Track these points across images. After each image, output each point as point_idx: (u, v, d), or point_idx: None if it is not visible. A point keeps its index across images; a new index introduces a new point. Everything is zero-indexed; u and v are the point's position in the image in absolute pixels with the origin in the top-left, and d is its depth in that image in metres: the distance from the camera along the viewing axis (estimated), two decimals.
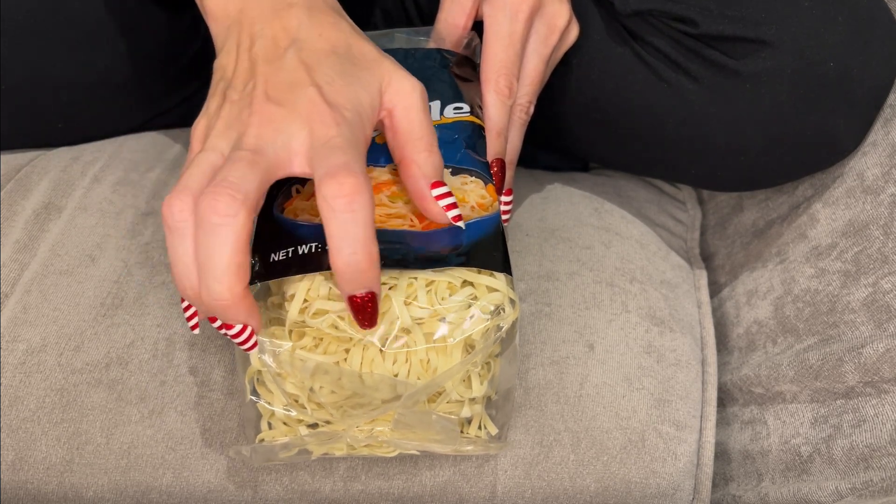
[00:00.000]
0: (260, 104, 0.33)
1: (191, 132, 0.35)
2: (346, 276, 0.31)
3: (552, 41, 0.44)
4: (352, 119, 0.33)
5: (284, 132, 0.33)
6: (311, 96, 0.33)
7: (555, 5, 0.44)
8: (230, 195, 0.30)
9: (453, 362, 0.34)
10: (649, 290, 0.50)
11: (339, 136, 0.32)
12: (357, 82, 0.35)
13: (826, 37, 0.43)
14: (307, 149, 0.32)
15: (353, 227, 0.30)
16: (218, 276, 0.30)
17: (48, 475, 0.40)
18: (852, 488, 0.40)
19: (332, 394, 0.35)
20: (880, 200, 0.45)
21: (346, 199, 0.30)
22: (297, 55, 0.35)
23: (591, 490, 0.41)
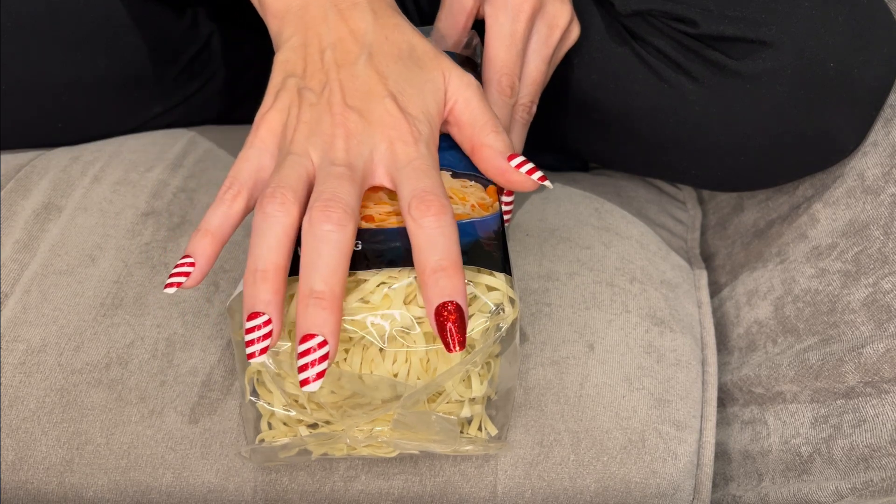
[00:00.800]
0: (340, 113, 0.35)
1: (258, 120, 0.36)
2: (432, 281, 0.32)
3: (553, 41, 0.44)
4: (427, 134, 0.36)
5: (367, 145, 0.35)
6: (388, 107, 0.35)
7: (556, 5, 0.44)
8: (343, 210, 0.32)
9: (453, 362, 0.34)
10: (649, 290, 0.50)
11: (420, 159, 0.35)
12: (425, 87, 0.37)
13: (826, 37, 0.43)
14: (388, 163, 0.35)
15: (440, 238, 0.32)
16: (325, 276, 0.31)
17: (48, 475, 0.40)
18: (852, 488, 0.40)
19: (332, 394, 0.35)
20: (881, 200, 0.45)
21: (435, 219, 0.32)
22: (370, 62, 0.37)
23: (591, 490, 0.41)
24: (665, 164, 0.55)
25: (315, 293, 0.31)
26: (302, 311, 0.31)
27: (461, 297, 0.32)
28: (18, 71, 0.52)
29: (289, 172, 0.34)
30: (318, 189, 0.33)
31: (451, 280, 0.32)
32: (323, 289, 0.31)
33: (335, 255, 0.32)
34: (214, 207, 0.35)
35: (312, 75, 0.37)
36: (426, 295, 0.32)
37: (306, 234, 0.32)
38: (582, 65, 0.50)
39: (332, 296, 0.31)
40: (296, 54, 0.38)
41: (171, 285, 0.34)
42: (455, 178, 0.38)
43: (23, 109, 0.54)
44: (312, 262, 0.32)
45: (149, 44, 0.55)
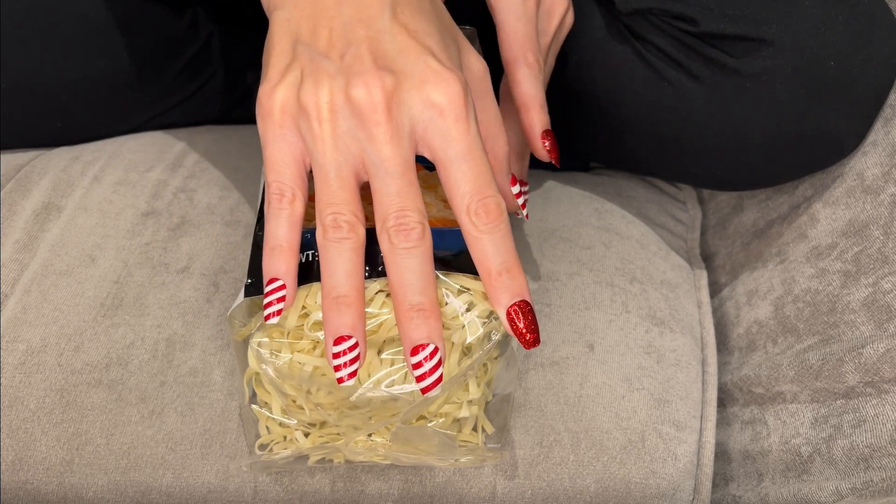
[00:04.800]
0: (375, 79, 0.31)
1: (265, 99, 0.32)
2: (499, 283, 0.32)
3: (552, 28, 0.43)
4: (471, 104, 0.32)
5: (408, 116, 0.31)
6: (432, 65, 0.31)
7: None
8: (417, 228, 0.31)
9: (451, 367, 0.34)
10: (649, 291, 0.50)
11: (473, 143, 0.32)
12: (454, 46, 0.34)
13: (826, 36, 0.43)
14: (436, 143, 0.32)
15: (502, 241, 0.32)
16: (420, 289, 0.32)
17: (48, 475, 0.40)
18: (853, 488, 0.40)
19: (330, 394, 0.35)
20: (880, 200, 0.45)
21: (496, 225, 0.32)
22: (395, 17, 0.32)
23: (591, 490, 0.41)
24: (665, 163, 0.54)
25: (415, 306, 0.32)
26: (406, 322, 0.32)
27: (528, 294, 0.33)
28: (18, 71, 0.52)
29: (337, 187, 0.32)
30: (384, 202, 0.31)
31: (517, 280, 0.32)
32: (422, 300, 0.32)
33: (422, 267, 0.32)
34: (276, 218, 0.33)
35: (323, 38, 0.32)
36: (495, 299, 0.33)
37: (389, 254, 0.32)
38: (582, 63, 0.50)
39: (432, 305, 0.32)
40: (301, 11, 0.33)
41: (271, 315, 0.33)
42: None
43: (23, 109, 0.54)
44: (404, 277, 0.31)
45: (149, 44, 0.55)
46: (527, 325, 0.33)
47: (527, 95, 0.40)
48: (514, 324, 0.33)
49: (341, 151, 0.31)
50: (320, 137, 0.31)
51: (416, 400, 0.33)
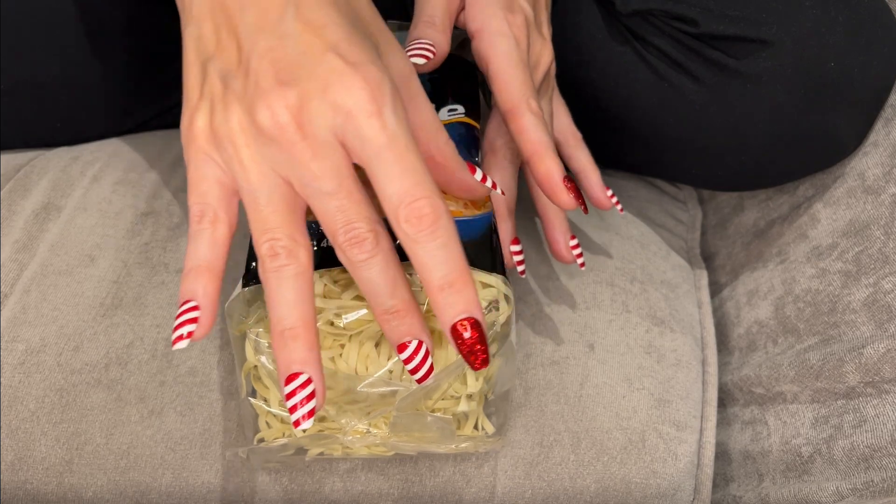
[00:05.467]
0: (277, 98, 0.29)
1: (186, 124, 0.31)
2: (441, 299, 0.29)
3: (538, 78, 0.41)
4: (390, 91, 0.29)
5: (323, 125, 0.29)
6: (334, 65, 0.29)
7: (539, 42, 0.41)
8: (369, 238, 0.29)
9: (450, 358, 0.34)
10: (650, 290, 0.50)
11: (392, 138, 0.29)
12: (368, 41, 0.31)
13: (827, 37, 0.43)
14: (353, 144, 0.29)
15: (442, 250, 0.29)
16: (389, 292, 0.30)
17: (48, 475, 0.40)
18: (853, 489, 0.40)
19: (328, 390, 0.35)
20: (881, 200, 0.44)
21: (431, 232, 0.29)
22: (298, 14, 0.30)
23: (591, 490, 0.41)
24: (665, 163, 0.54)
25: (389, 310, 0.31)
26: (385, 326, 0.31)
27: (476, 309, 0.30)
28: (18, 71, 0.52)
29: (269, 213, 0.30)
30: (327, 220, 0.30)
31: (462, 294, 0.29)
32: (394, 302, 0.31)
33: (382, 274, 0.30)
34: (194, 240, 0.31)
35: (230, 53, 0.30)
36: (439, 315, 0.30)
37: (350, 271, 0.30)
38: (582, 64, 0.50)
39: (406, 304, 0.31)
40: (206, 26, 0.31)
41: (179, 339, 0.30)
42: None
43: (23, 109, 0.54)
44: (369, 288, 0.30)
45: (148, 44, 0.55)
46: (473, 344, 0.30)
47: (537, 143, 0.37)
48: (460, 344, 0.30)
49: (266, 176, 0.30)
50: (241, 165, 0.30)
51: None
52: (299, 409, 0.30)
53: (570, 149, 0.46)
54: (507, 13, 0.39)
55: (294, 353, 0.30)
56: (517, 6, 0.39)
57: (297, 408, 0.29)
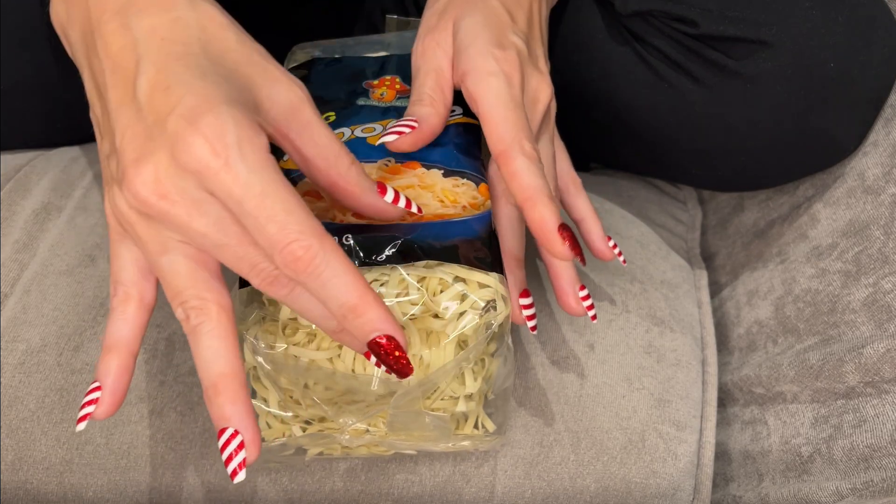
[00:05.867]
0: (129, 176, 0.28)
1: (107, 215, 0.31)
2: (348, 325, 0.29)
3: (537, 116, 0.38)
4: (235, 139, 0.27)
5: (190, 193, 0.28)
6: (176, 127, 0.27)
7: (536, 77, 0.38)
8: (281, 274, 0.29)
9: (447, 359, 0.34)
10: (650, 290, 0.50)
11: (244, 187, 0.27)
12: (223, 85, 0.29)
13: (826, 37, 0.43)
14: (223, 198, 0.28)
15: (328, 286, 0.28)
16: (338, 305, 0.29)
17: (48, 475, 0.40)
18: (853, 488, 0.40)
19: (327, 390, 0.35)
20: (881, 200, 0.45)
21: (311, 274, 0.28)
22: (150, 82, 0.29)
23: (591, 490, 0.41)
24: (665, 163, 0.55)
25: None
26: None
27: (384, 324, 0.29)
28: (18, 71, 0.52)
29: (173, 279, 0.30)
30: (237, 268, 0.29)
31: (366, 315, 0.28)
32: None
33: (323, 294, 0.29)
34: (110, 318, 0.31)
35: (109, 133, 0.30)
36: (350, 343, 0.30)
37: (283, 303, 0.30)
38: (582, 64, 0.50)
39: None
40: (96, 107, 0.31)
41: (81, 420, 0.30)
42: (446, 176, 0.37)
43: (23, 109, 0.54)
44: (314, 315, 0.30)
45: None
46: (393, 359, 0.29)
47: (530, 188, 0.34)
48: (379, 362, 0.29)
49: (164, 245, 0.30)
50: (140, 241, 0.30)
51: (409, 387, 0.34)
52: (232, 461, 0.29)
53: (570, 196, 0.43)
54: (497, 50, 0.36)
55: (218, 409, 0.29)
56: (508, 42, 0.37)
57: (231, 460, 0.29)
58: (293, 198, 0.28)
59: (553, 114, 0.40)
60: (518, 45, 0.37)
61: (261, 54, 0.31)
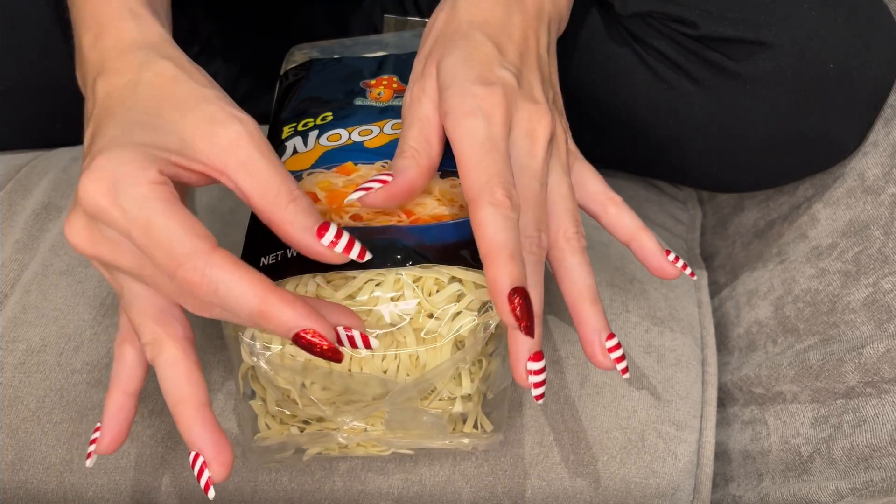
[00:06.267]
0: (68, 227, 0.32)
1: None
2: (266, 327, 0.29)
3: (538, 150, 0.35)
4: (104, 208, 0.29)
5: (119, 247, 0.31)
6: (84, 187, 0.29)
7: (528, 108, 0.35)
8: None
9: (443, 359, 0.34)
10: (649, 290, 0.50)
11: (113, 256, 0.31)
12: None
13: (826, 38, 0.43)
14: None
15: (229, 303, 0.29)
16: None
17: (48, 475, 0.40)
18: (853, 488, 0.40)
19: (324, 390, 0.35)
20: (881, 201, 0.45)
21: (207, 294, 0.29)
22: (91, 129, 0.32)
23: (591, 490, 0.41)
24: (665, 164, 0.55)
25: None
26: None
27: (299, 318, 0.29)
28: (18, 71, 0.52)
29: (133, 317, 0.32)
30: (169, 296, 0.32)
31: (274, 319, 0.29)
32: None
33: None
34: (114, 358, 0.34)
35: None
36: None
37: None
38: (582, 65, 0.50)
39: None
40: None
41: (88, 456, 0.34)
42: (444, 177, 0.37)
43: (23, 109, 0.54)
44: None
45: None
46: (318, 350, 0.29)
47: (491, 243, 0.31)
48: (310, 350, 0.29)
49: (118, 285, 0.33)
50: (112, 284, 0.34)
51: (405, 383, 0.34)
52: (200, 480, 0.31)
53: (609, 218, 0.39)
54: (478, 87, 0.34)
55: (183, 434, 0.31)
56: (493, 77, 0.34)
57: (199, 479, 0.31)
58: (178, 224, 0.28)
59: (562, 143, 0.36)
60: (505, 78, 0.35)
61: (208, 100, 0.32)
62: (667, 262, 0.37)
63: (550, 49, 0.39)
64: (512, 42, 0.37)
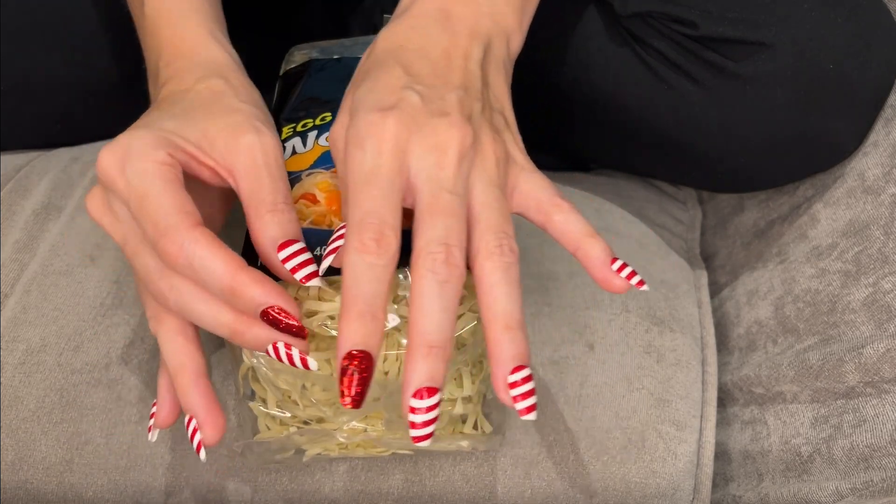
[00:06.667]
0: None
1: None
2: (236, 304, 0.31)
3: (450, 163, 0.31)
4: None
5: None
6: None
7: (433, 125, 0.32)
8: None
9: None
10: (649, 290, 0.50)
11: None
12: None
13: (826, 38, 0.43)
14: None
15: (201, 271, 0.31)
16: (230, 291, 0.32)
17: (48, 475, 0.40)
18: (853, 488, 0.40)
19: (324, 391, 0.35)
20: (881, 201, 0.45)
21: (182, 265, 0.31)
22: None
23: (591, 490, 0.41)
24: (665, 164, 0.55)
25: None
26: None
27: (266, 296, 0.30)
28: (18, 71, 0.52)
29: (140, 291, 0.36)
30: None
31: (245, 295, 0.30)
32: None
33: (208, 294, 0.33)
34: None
35: None
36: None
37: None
38: (582, 66, 0.50)
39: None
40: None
41: (150, 430, 0.35)
42: None
43: (23, 109, 0.54)
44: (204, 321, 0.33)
45: None
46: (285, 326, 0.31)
47: (345, 294, 0.29)
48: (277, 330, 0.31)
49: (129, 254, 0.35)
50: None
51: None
52: (193, 441, 0.33)
53: (556, 225, 0.35)
54: (375, 114, 0.32)
55: (180, 399, 0.34)
56: (395, 99, 0.32)
57: (192, 440, 0.33)
58: (170, 199, 0.31)
59: (489, 155, 0.33)
60: (407, 99, 0.32)
61: (241, 112, 0.35)
62: (611, 273, 0.33)
63: (488, 65, 0.36)
64: (428, 62, 0.34)
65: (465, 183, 0.32)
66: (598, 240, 0.34)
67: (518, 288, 0.31)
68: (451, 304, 0.29)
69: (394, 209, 0.30)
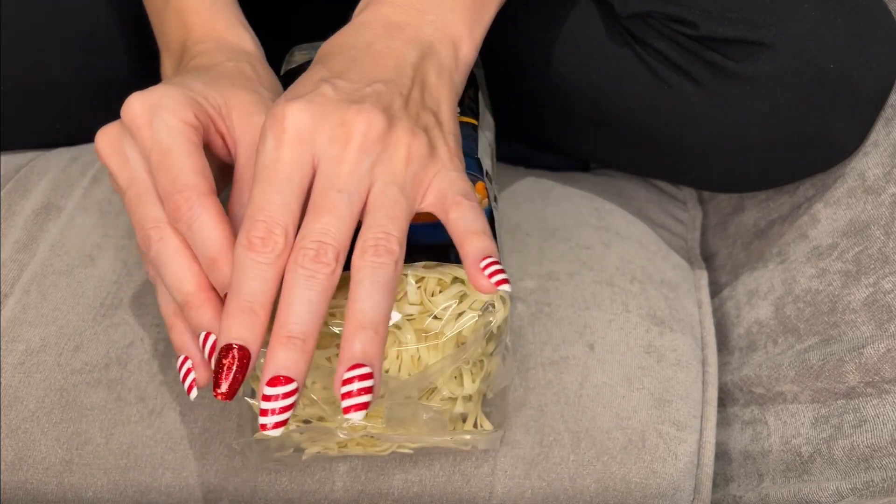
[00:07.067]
0: None
1: None
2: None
3: (348, 157, 0.31)
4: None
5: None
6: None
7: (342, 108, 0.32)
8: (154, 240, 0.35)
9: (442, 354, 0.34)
10: (649, 290, 0.50)
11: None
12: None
13: (826, 38, 0.43)
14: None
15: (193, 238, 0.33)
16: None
17: (48, 475, 0.40)
18: (853, 489, 0.40)
19: (325, 389, 0.35)
20: (881, 200, 0.45)
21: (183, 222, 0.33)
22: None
23: (591, 490, 0.41)
24: (665, 165, 0.55)
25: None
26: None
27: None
28: (18, 71, 0.52)
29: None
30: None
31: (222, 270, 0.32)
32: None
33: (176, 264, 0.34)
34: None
35: None
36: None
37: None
38: (582, 66, 0.50)
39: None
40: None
41: (189, 391, 0.34)
42: None
43: (23, 109, 0.54)
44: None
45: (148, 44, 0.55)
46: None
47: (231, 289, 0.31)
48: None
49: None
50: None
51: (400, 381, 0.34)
52: (185, 382, 0.34)
53: (450, 222, 0.34)
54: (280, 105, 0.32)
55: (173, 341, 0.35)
56: (305, 91, 0.32)
57: (184, 380, 0.34)
58: (191, 160, 0.32)
59: (401, 150, 0.32)
60: (320, 89, 0.32)
61: (260, 94, 0.37)
62: (478, 272, 0.32)
63: (427, 69, 0.36)
64: (356, 62, 0.34)
65: (364, 178, 0.32)
66: (481, 238, 0.32)
67: (383, 289, 0.30)
68: (317, 298, 0.30)
69: (287, 206, 0.30)
